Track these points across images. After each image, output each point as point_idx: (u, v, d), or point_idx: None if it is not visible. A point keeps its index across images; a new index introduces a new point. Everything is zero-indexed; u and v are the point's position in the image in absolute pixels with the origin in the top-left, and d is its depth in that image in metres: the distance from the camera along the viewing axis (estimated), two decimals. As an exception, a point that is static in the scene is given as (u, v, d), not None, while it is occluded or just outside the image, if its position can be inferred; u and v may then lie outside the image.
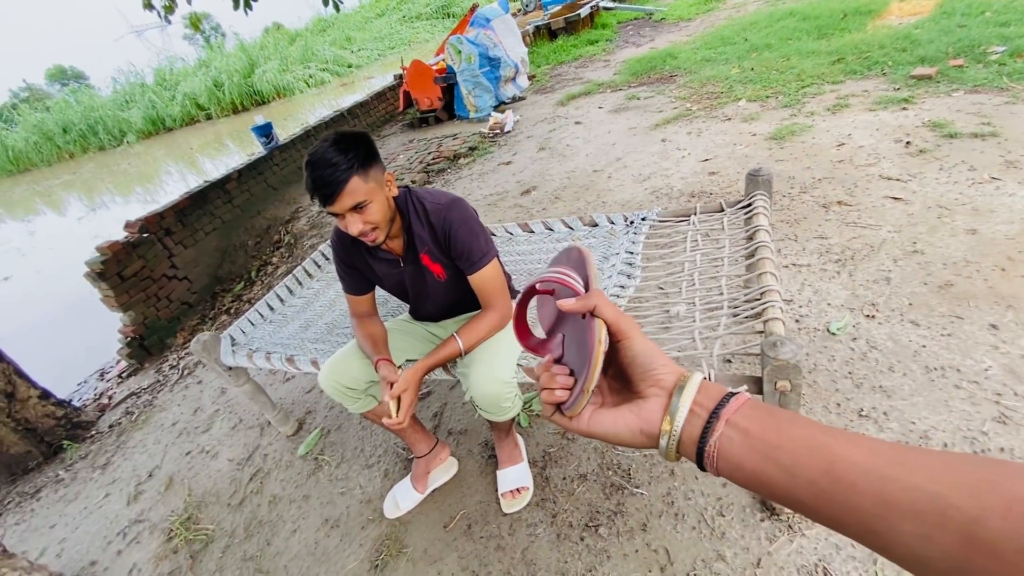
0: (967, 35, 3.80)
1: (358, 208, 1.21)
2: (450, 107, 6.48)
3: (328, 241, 2.43)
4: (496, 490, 1.69)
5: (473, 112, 6.20)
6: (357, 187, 1.18)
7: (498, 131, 5.29)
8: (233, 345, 1.91)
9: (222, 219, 4.89)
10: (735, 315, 1.31)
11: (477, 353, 1.43)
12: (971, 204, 2.25)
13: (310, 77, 17.32)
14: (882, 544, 0.27)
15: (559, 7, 9.28)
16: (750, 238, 1.55)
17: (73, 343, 4.76)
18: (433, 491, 1.76)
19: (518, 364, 1.44)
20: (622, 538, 1.44)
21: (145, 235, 4.07)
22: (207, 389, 2.85)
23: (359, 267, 1.51)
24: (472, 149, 5.07)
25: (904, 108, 3.19)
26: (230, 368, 1.91)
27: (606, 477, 1.61)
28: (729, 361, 1.80)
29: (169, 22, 4.29)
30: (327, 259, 2.35)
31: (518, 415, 1.50)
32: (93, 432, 3.03)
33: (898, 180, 2.56)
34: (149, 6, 4.03)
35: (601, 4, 8.76)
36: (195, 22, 4.98)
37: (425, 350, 1.64)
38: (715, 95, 4.35)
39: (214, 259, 4.74)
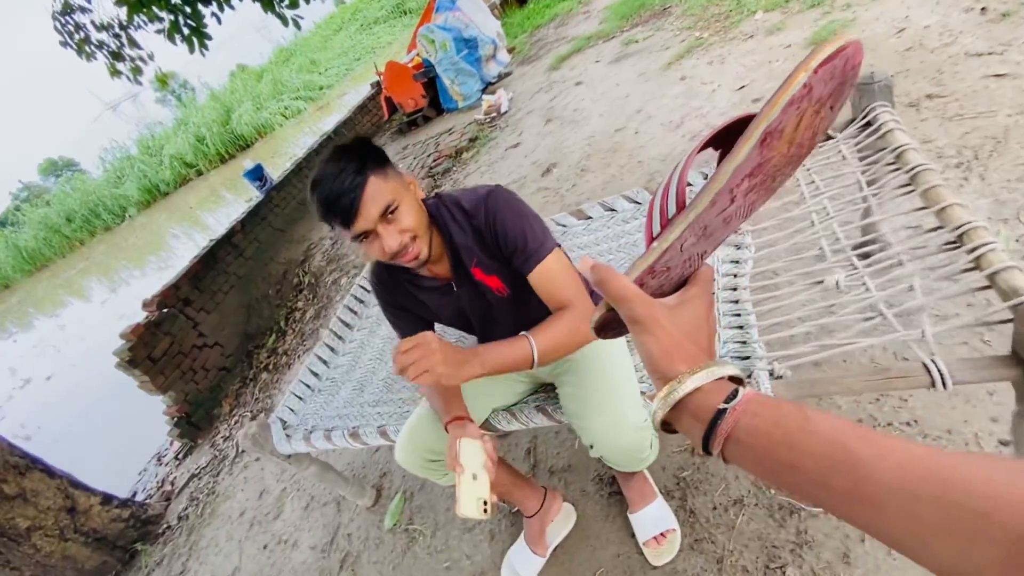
0: None
1: (388, 215, 0.96)
2: (436, 102, 6.11)
3: (357, 279, 2.14)
4: (633, 536, 1.39)
5: (462, 101, 5.83)
6: (379, 187, 0.95)
7: (495, 114, 4.92)
8: (286, 429, 1.64)
9: (237, 275, 4.67)
10: (933, 272, 0.97)
11: (589, 397, 1.11)
12: (1107, 57, 1.83)
13: (285, 109, 17.07)
14: (913, 555, 0.26)
15: (521, -30, 8.74)
16: (896, 162, 1.19)
17: (126, 432, 4.65)
18: (555, 549, 1.47)
19: (642, 393, 1.13)
20: (821, 578, 1.13)
21: (165, 310, 3.87)
22: (268, 465, 2.63)
23: (408, 306, 1.24)
24: (473, 140, 4.71)
25: (961, -30, 2.72)
26: (289, 456, 1.65)
27: (769, 498, 1.30)
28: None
29: (140, 83, 4.05)
30: (361, 302, 2.06)
31: None
32: (163, 527, 2.86)
33: (991, 54, 2.13)
34: (116, 73, 3.79)
35: (564, -45, 8.20)
36: (162, 80, 4.72)
37: (513, 392, 1.34)
38: (724, 15, 3.90)
39: (240, 317, 4.54)
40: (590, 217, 1.73)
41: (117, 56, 3.64)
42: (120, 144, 20.10)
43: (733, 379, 0.37)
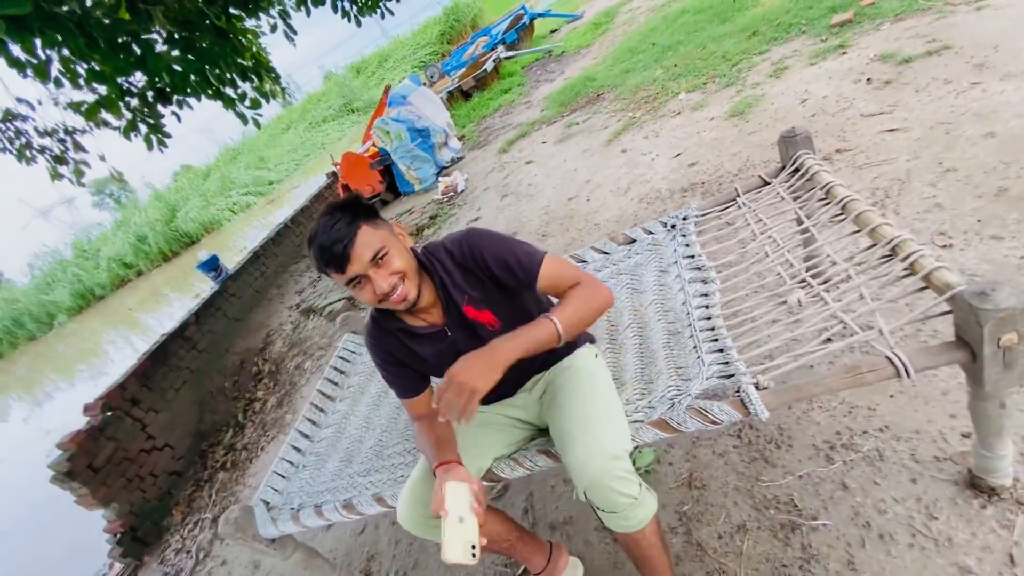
0: (859, -21, 4.01)
1: (378, 260, 1.05)
2: (393, 187, 6.36)
3: (337, 348, 2.12)
4: (644, 579, 1.37)
5: (418, 185, 6.09)
6: (370, 235, 1.05)
7: (452, 193, 5.17)
8: (270, 510, 1.55)
9: (190, 369, 4.45)
10: (875, 282, 1.11)
11: (568, 428, 1.13)
12: (970, 111, 2.21)
13: (234, 204, 17.08)
14: None
15: (463, 70, 9.55)
16: (827, 197, 1.38)
17: (55, 559, 4.09)
18: (566, 606, 1.42)
19: (635, 421, 1.17)
20: (833, 589, 1.15)
21: (110, 413, 3.60)
22: (236, 568, 2.39)
23: (407, 361, 1.26)
24: (433, 218, 4.90)
25: (843, 53, 3.26)
26: (273, 540, 1.54)
27: (770, 518, 1.33)
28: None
29: (83, 185, 4.01)
30: (342, 372, 2.03)
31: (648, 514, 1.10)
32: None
33: (882, 113, 2.52)
34: (57, 177, 3.75)
35: (502, 56, 9.07)
36: (118, 180, 4.70)
37: (514, 440, 1.35)
38: (652, 97, 4.40)
39: (192, 415, 4.27)
40: (563, 270, 1.84)
41: (60, 160, 3.61)
42: (52, 248, 19.25)
43: None
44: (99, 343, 11.55)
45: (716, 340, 1.27)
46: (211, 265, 5.39)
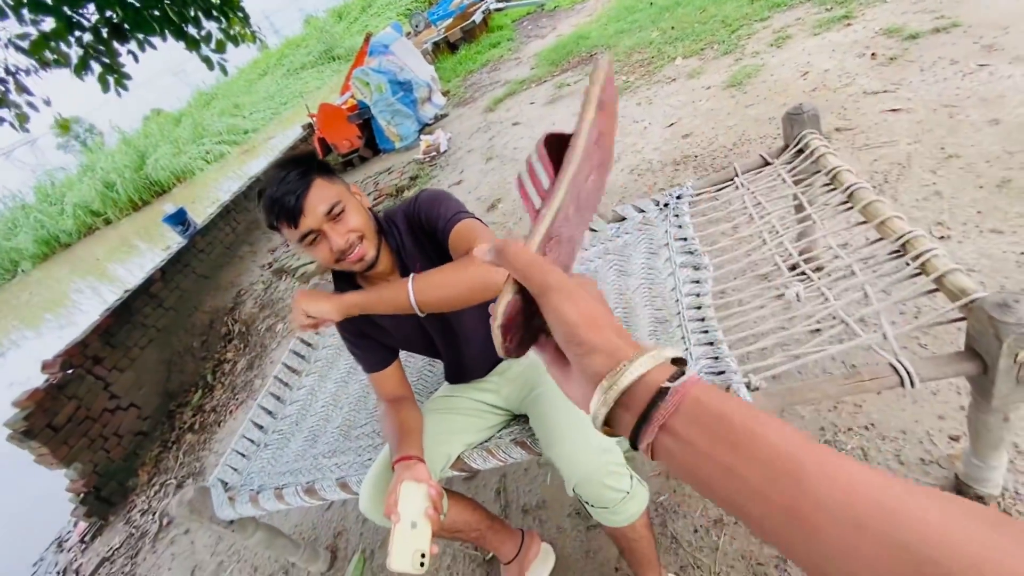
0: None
1: (334, 215, 0.99)
2: (372, 143, 6.07)
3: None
4: (617, 570, 1.34)
5: (398, 142, 5.83)
6: (324, 188, 0.99)
7: (434, 153, 4.95)
8: (228, 491, 1.46)
9: (156, 327, 4.28)
10: (881, 280, 1.03)
11: (557, 421, 1.07)
12: (975, 95, 2.12)
13: (207, 153, 16.32)
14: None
15: (450, 20, 9.07)
16: (832, 183, 1.29)
17: (16, 518, 4.00)
18: (536, 594, 1.38)
19: None
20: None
21: (70, 371, 3.45)
22: (200, 537, 2.33)
23: (369, 332, 1.20)
24: (414, 179, 4.69)
25: (848, 24, 3.11)
26: (231, 522, 1.46)
27: (747, 514, 1.30)
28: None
29: (27, 131, 3.69)
30: (309, 345, 1.92)
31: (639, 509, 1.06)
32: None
33: (885, 92, 2.42)
34: (-2, 120, 3.42)
35: (491, 6, 8.61)
36: (64, 126, 4.36)
37: (486, 425, 1.27)
38: (647, 61, 4.20)
39: (159, 374, 4.13)
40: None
41: (1, 102, 3.30)
42: (14, 192, 18.27)
43: (676, 361, 0.32)
44: (66, 292, 11.13)
45: (706, 332, 1.19)
46: (178, 219, 5.13)
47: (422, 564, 0.93)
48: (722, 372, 1.08)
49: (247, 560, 2.01)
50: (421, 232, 1.11)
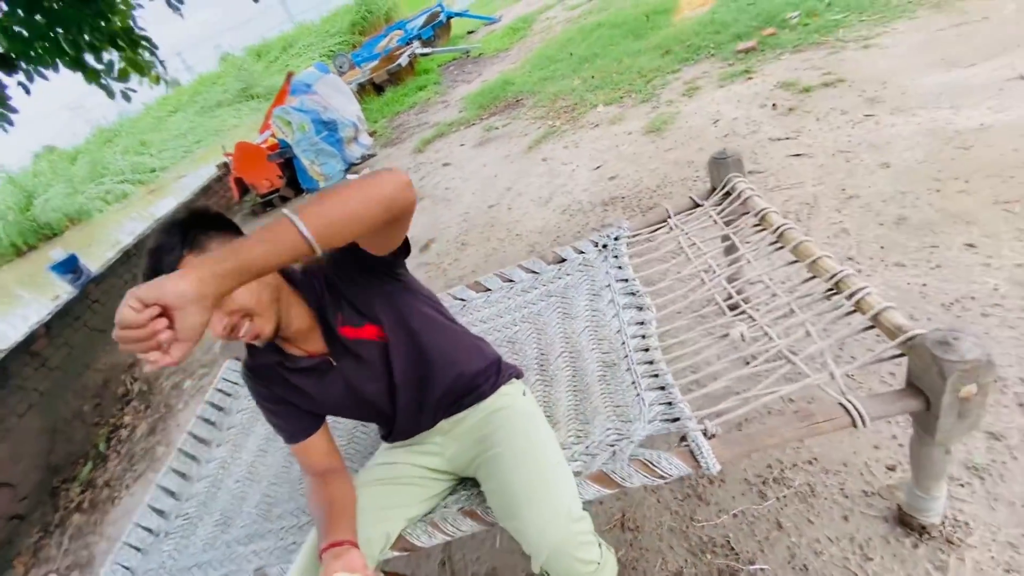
0: (761, 9, 4.27)
1: None
2: (294, 182, 5.82)
3: (215, 380, 1.78)
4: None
5: (323, 181, 5.62)
6: None
7: (362, 194, 4.80)
8: (116, 598, 1.21)
9: (38, 391, 3.72)
10: (820, 318, 1.05)
11: (517, 488, 0.96)
12: (866, 142, 2.35)
13: (107, 193, 15.00)
14: None
15: (375, 62, 9.08)
16: (761, 223, 1.34)
17: None
18: None
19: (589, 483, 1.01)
20: (774, 643, 1.09)
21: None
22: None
23: (289, 398, 1.05)
24: (340, 220, 4.51)
25: (749, 78, 3.41)
26: (120, 636, 1.20)
27: (707, 563, 1.25)
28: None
29: None
30: (220, 409, 1.70)
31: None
32: None
33: (788, 138, 2.64)
34: None
35: (417, 51, 8.73)
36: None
37: (429, 494, 1.15)
38: (571, 107, 4.38)
39: (40, 446, 3.57)
40: (488, 288, 1.67)
41: None
42: None
43: None
44: (-80, 354, 9.50)
45: (656, 376, 1.16)
46: (68, 267, 4.57)
47: None
48: (676, 419, 1.04)
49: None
50: (338, 271, 1.00)
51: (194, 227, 0.89)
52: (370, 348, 1.03)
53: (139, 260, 5.42)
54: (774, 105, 2.96)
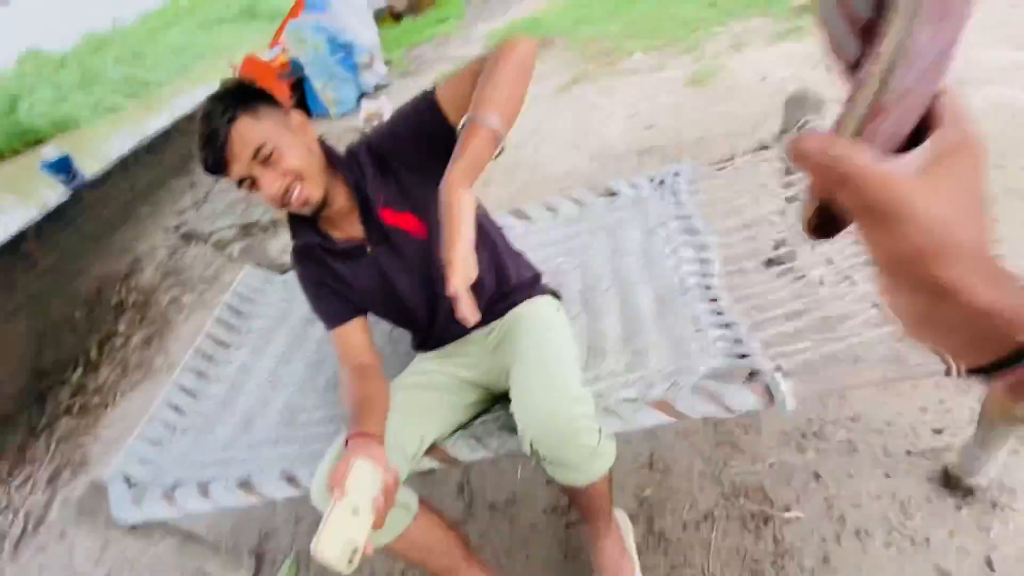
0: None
1: (264, 157, 0.89)
2: (304, 106, 5.56)
3: (233, 284, 1.69)
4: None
5: (334, 108, 5.37)
6: (248, 128, 0.88)
7: (376, 122, 4.60)
8: (132, 488, 1.17)
9: (27, 293, 3.62)
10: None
11: (524, 360, 0.95)
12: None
13: (97, 103, 14.35)
14: None
15: (395, -12, 8.57)
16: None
17: None
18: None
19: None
20: (808, 588, 1.08)
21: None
22: (80, 541, 1.93)
23: (328, 282, 1.05)
24: (353, 148, 4.33)
25: (803, 38, 3.24)
26: (134, 527, 1.17)
27: (739, 508, 1.24)
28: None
29: None
30: (239, 313, 1.62)
31: (607, 469, 0.95)
32: None
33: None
34: None
35: (440, -19, 8.24)
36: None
37: (463, 404, 1.11)
38: (606, 52, 4.16)
39: (28, 348, 3.50)
40: (529, 217, 1.58)
41: None
42: None
43: None
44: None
45: (721, 313, 1.11)
46: (61, 167, 4.37)
47: (350, 561, 0.75)
48: (745, 356, 0.99)
49: (143, 570, 1.67)
50: (386, 151, 0.98)
51: (244, 94, 0.91)
52: (406, 240, 1.00)
53: (136, 171, 5.21)
54: (828, 66, 2.82)
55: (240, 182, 0.91)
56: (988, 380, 0.26)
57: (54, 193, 4.57)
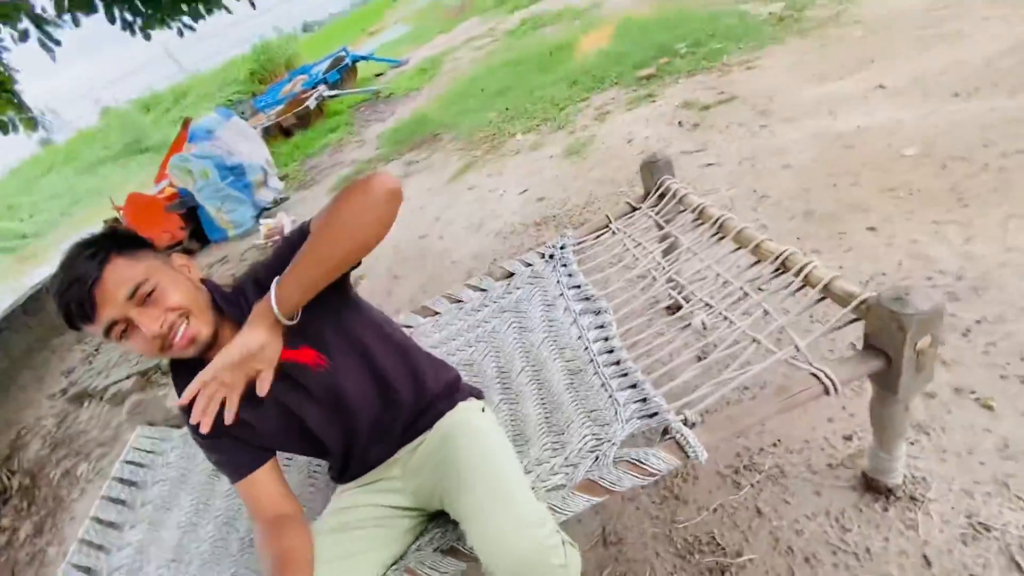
0: (653, 42, 4.65)
1: (142, 296, 0.83)
2: (199, 234, 5.39)
3: (124, 454, 1.52)
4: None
5: (232, 229, 5.25)
6: (125, 268, 0.83)
7: (276, 237, 4.53)
8: None
9: None
10: (773, 297, 1.09)
11: (462, 490, 0.88)
12: (766, 148, 2.58)
13: (-34, 265, 13.10)
14: None
15: (281, 106, 8.81)
16: (699, 218, 1.38)
17: None
18: None
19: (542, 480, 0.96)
20: (776, 634, 1.06)
21: None
22: None
23: (227, 430, 0.93)
24: (256, 267, 4.20)
25: (653, 101, 3.66)
26: None
27: (696, 564, 1.22)
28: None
29: None
30: (132, 485, 1.44)
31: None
32: None
33: (698, 151, 2.83)
34: None
35: (324, 94, 8.58)
36: None
37: (401, 533, 1.03)
38: (490, 137, 4.45)
39: None
40: (437, 312, 1.59)
41: None
42: None
43: None
44: None
45: (625, 375, 1.14)
46: (-85, 350, 3.85)
47: None
48: (654, 414, 1.02)
49: None
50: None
51: (117, 238, 0.87)
52: (306, 373, 0.95)
53: (11, 336, 4.71)
54: (680, 123, 3.19)
55: (109, 328, 0.83)
56: None
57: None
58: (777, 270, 1.13)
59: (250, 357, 0.85)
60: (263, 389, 0.88)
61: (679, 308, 1.31)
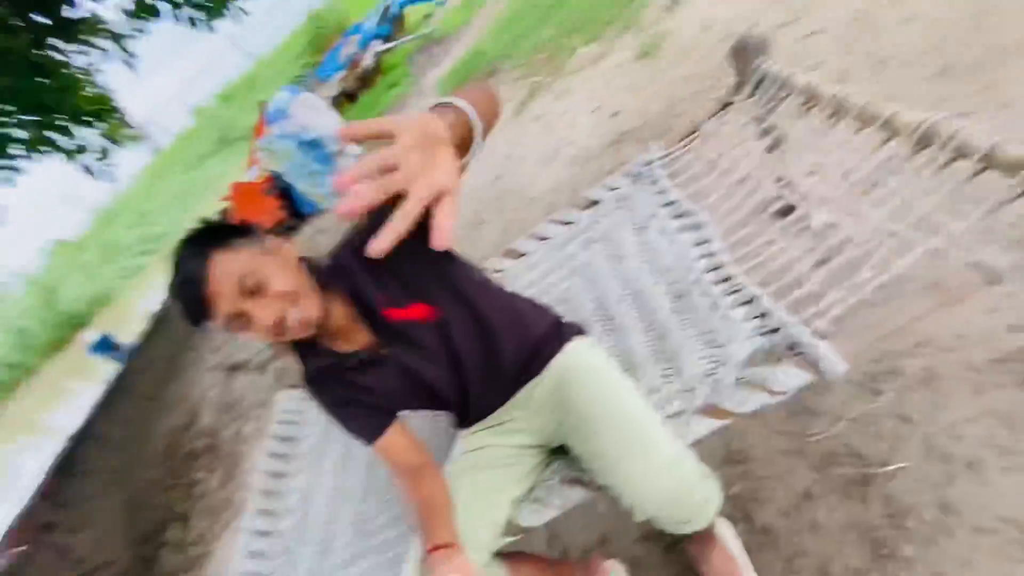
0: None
1: (251, 288, 0.84)
2: (296, 210, 5.77)
3: (275, 412, 1.73)
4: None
5: (323, 202, 5.54)
6: (227, 262, 0.85)
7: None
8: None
9: (108, 470, 3.81)
10: (914, 180, 0.92)
11: (608, 442, 0.89)
12: (878, 2, 2.15)
13: (123, 271, 15.36)
14: None
15: (342, 72, 8.92)
16: (808, 102, 1.19)
17: None
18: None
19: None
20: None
21: (22, 549, 2.98)
22: None
23: (353, 398, 1.01)
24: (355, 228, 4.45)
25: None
26: None
27: (835, 478, 1.15)
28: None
29: None
30: (288, 439, 1.65)
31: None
32: None
33: (795, 21, 2.45)
34: None
35: (378, 50, 8.53)
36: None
37: (525, 471, 1.07)
38: (550, 57, 4.18)
39: (123, 521, 3.65)
40: (524, 253, 1.57)
41: None
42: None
43: None
44: (5, 463, 9.97)
45: (738, 291, 1.05)
46: (105, 346, 4.65)
47: None
48: (777, 329, 0.93)
49: None
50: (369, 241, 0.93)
51: (211, 232, 0.90)
52: (421, 329, 0.96)
53: (171, 324, 5.48)
54: (769, -7, 2.75)
55: (229, 322, 0.85)
56: None
57: (110, 367, 4.85)
58: (918, 145, 0.95)
59: (436, 141, 0.50)
60: (446, 224, 0.47)
61: (791, 210, 1.17)
